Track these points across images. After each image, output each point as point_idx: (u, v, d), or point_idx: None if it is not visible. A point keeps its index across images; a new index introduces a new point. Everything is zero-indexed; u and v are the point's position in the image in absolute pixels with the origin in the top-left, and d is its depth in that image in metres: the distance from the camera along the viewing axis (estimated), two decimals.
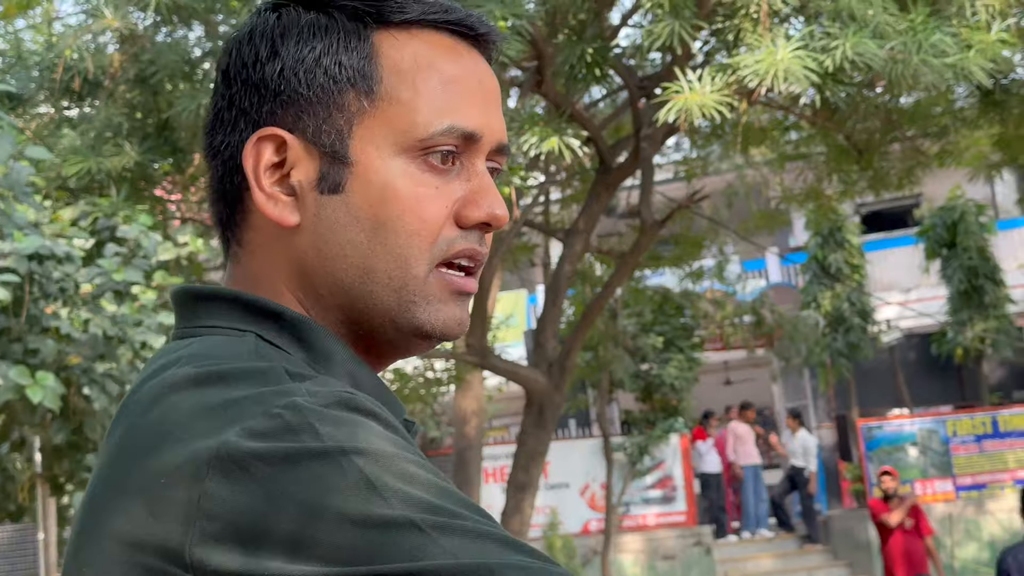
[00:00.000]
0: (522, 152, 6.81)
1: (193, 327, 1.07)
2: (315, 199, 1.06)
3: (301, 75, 1.07)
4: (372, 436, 0.89)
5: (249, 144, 1.07)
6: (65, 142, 7.58)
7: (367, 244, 1.06)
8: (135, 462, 0.92)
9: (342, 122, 1.06)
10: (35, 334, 5.89)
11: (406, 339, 1.09)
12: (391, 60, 1.08)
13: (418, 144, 1.06)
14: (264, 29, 1.10)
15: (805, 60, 5.55)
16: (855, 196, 11.17)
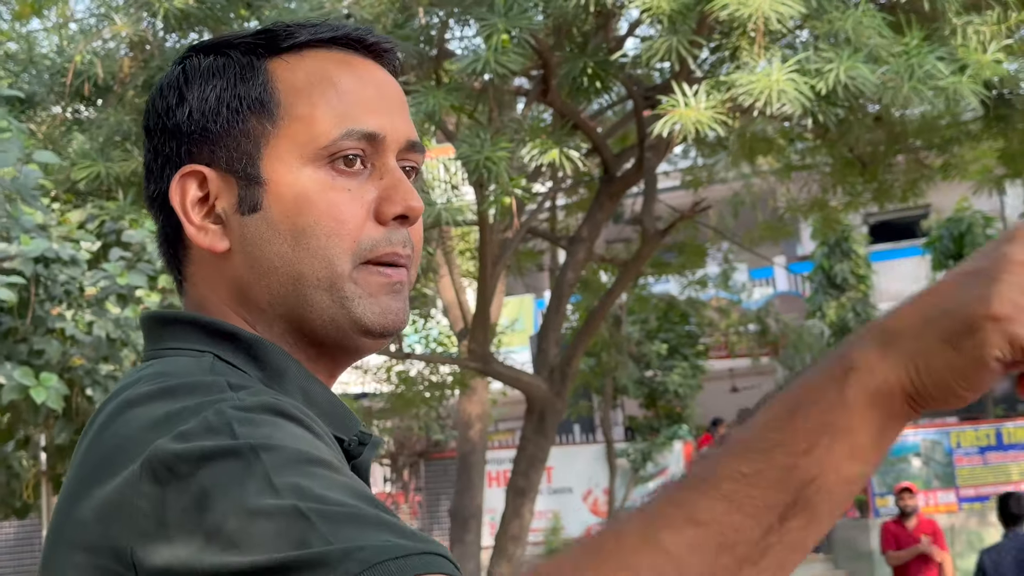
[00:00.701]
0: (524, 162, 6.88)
1: (158, 349, 1.15)
2: (239, 222, 1.14)
3: (207, 113, 1.16)
4: (285, 436, 0.95)
5: (173, 184, 1.16)
6: (75, 145, 7.66)
7: (292, 253, 1.13)
8: (92, 476, 0.99)
9: (250, 147, 1.15)
10: (40, 335, 5.97)
11: (350, 337, 1.15)
12: (286, 82, 1.16)
13: (322, 152, 1.14)
14: (171, 80, 1.19)
15: (798, 83, 5.62)
16: (860, 207, 11.20)
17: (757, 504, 0.81)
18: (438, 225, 6.99)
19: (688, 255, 12.08)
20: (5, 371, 5.57)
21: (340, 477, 0.94)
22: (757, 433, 0.84)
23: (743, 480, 0.81)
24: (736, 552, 0.79)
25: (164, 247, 1.22)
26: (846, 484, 0.84)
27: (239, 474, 0.91)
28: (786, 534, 0.82)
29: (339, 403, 1.17)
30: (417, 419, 17.44)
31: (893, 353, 0.85)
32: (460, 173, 7.88)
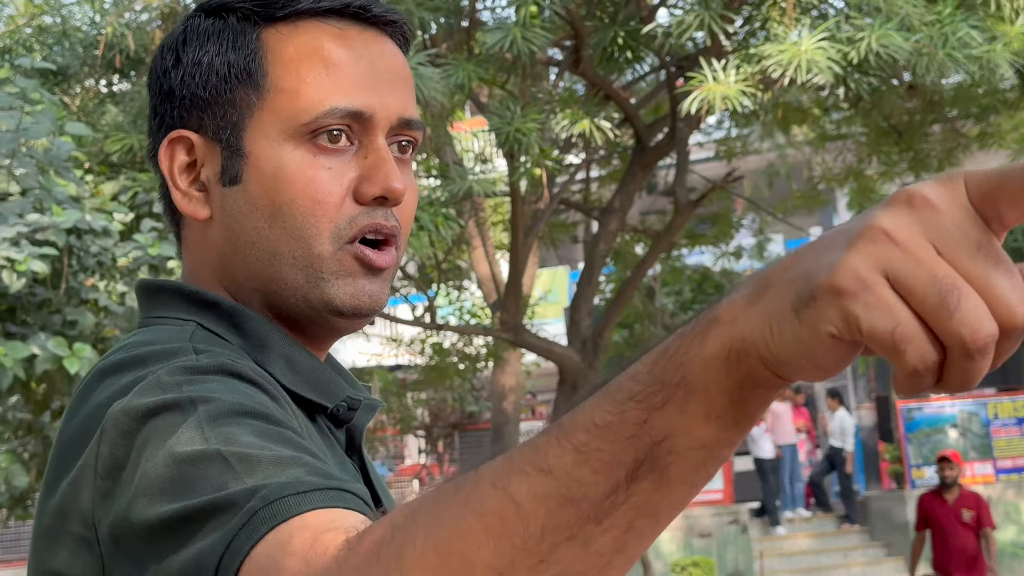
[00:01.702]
0: (556, 133, 6.86)
1: (148, 317, 1.16)
2: (220, 192, 1.14)
3: (198, 78, 1.15)
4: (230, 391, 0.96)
5: (162, 148, 1.16)
6: (108, 118, 7.70)
7: (269, 229, 1.12)
8: (68, 444, 1.02)
9: (235, 117, 1.14)
10: (73, 306, 6.02)
11: (321, 316, 1.15)
12: (277, 53, 1.14)
13: (304, 128, 1.12)
14: (171, 40, 1.19)
15: (829, 51, 5.56)
16: (896, 177, 11.12)
17: (605, 459, 0.73)
18: (470, 197, 6.99)
19: (722, 226, 12.02)
20: (39, 341, 5.62)
21: (273, 427, 0.94)
22: (619, 382, 0.75)
23: (595, 431, 0.73)
24: (580, 508, 0.73)
25: (165, 207, 1.22)
26: (701, 449, 0.74)
27: (175, 425, 0.92)
28: (634, 495, 0.73)
29: (323, 369, 1.17)
30: (451, 391, 17.49)
31: (755, 308, 0.73)
32: (492, 145, 7.87)
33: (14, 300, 5.86)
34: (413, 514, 0.78)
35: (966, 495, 10.44)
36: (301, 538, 0.83)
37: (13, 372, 5.50)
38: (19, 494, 8.02)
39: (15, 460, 6.30)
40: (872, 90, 6.54)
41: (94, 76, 8.24)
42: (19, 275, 5.39)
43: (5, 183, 5.94)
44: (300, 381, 1.13)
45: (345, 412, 1.17)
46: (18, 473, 6.22)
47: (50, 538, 1.01)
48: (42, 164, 6.07)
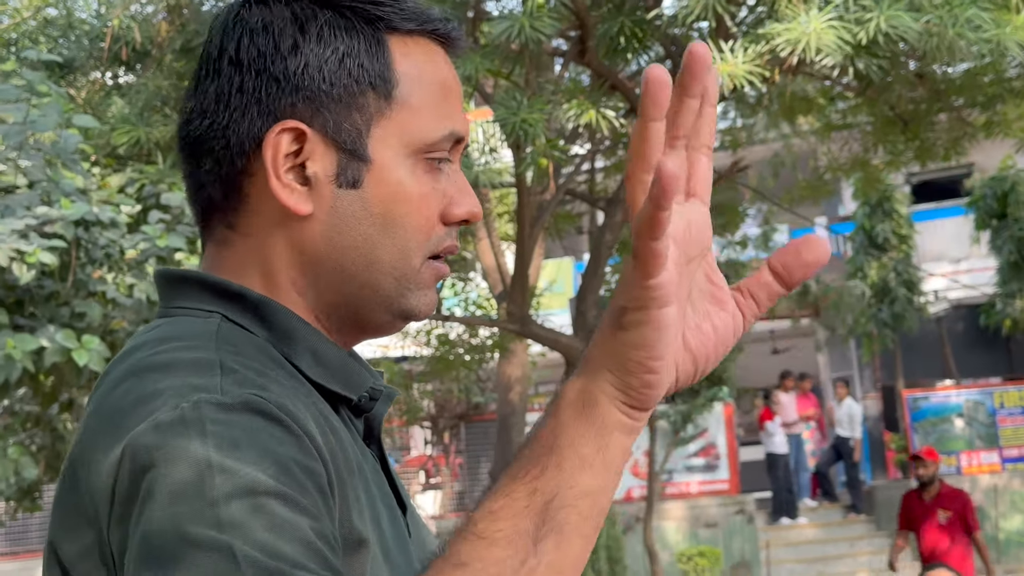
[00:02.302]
0: (562, 124, 6.85)
1: (168, 308, 1.15)
2: (332, 192, 1.13)
3: (326, 73, 1.12)
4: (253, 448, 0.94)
5: (272, 134, 1.12)
6: (114, 110, 7.71)
7: (376, 237, 1.13)
8: (91, 447, 1.01)
9: (361, 122, 1.13)
10: (81, 299, 6.02)
11: (391, 322, 1.18)
12: (402, 67, 1.15)
13: (425, 148, 1.14)
14: (281, 23, 1.13)
15: (839, 31, 5.55)
16: (902, 167, 11.10)
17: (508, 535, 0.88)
18: (476, 187, 6.99)
19: (727, 216, 12.01)
20: (48, 334, 5.63)
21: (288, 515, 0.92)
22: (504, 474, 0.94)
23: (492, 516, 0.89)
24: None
25: (212, 187, 1.17)
26: (586, 496, 0.92)
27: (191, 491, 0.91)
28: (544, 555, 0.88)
29: (349, 362, 1.18)
30: (457, 382, 17.50)
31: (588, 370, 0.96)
32: (498, 135, 7.87)
33: (22, 293, 5.87)
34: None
35: (946, 494, 10.09)
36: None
37: (22, 365, 5.51)
38: (27, 486, 8.03)
39: (24, 452, 6.31)
40: (882, 73, 6.51)
41: (100, 68, 8.25)
42: (29, 267, 5.39)
43: (12, 176, 5.95)
44: (326, 373, 1.13)
45: (367, 403, 1.17)
46: (28, 465, 6.23)
47: (71, 532, 1.01)
48: (49, 157, 6.08)
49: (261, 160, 1.13)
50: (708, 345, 1.01)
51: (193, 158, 1.18)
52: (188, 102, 1.18)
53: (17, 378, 5.60)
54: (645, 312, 0.92)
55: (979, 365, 20.50)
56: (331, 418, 1.10)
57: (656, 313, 0.92)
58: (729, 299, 1.03)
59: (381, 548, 1.05)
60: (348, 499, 1.02)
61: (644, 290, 0.91)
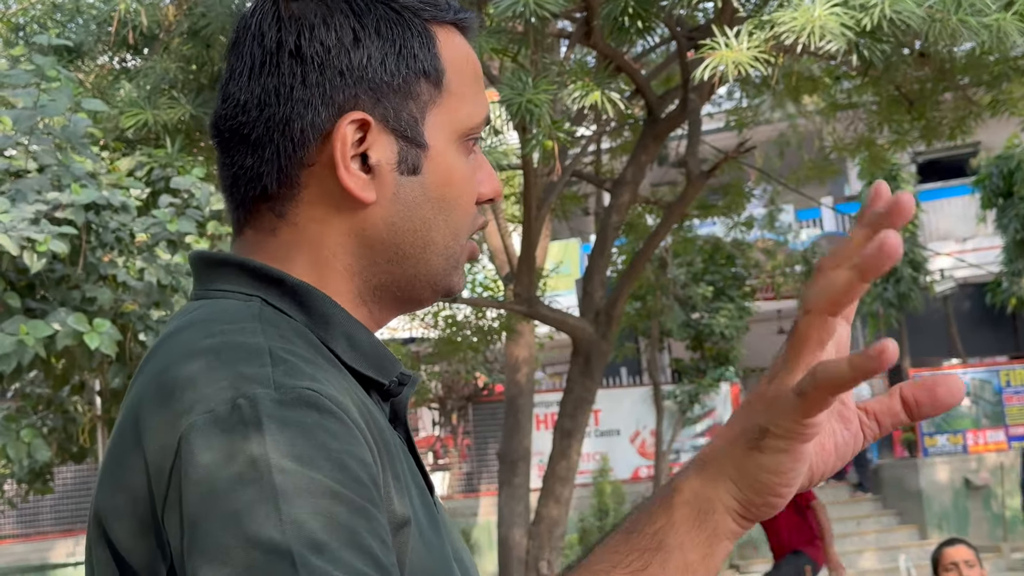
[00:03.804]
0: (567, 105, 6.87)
1: (207, 290, 1.18)
2: (394, 180, 1.17)
3: (388, 65, 1.17)
4: (311, 446, 0.97)
5: (342, 124, 1.15)
6: (122, 94, 7.73)
7: (433, 219, 1.19)
8: (142, 427, 1.03)
9: (416, 110, 1.18)
10: (92, 283, 6.06)
11: (432, 297, 1.24)
12: (447, 56, 1.20)
13: (468, 132, 1.21)
14: (341, 16, 1.17)
15: (842, 17, 5.57)
16: (907, 146, 11.09)
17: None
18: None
19: (733, 196, 12.02)
20: (59, 317, 5.67)
21: (345, 517, 0.95)
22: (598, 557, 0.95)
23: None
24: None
25: (270, 177, 1.18)
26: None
27: (249, 493, 0.93)
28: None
29: (382, 347, 1.21)
30: (464, 363, 17.55)
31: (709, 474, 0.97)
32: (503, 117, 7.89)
33: (34, 276, 5.91)
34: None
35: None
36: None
37: (34, 350, 5.55)
38: (39, 468, 8.09)
39: (36, 435, 6.36)
40: (885, 57, 6.53)
41: (107, 53, 8.27)
42: (39, 255, 5.43)
43: (23, 160, 5.98)
44: (360, 358, 1.17)
45: (396, 387, 1.22)
46: (40, 447, 6.28)
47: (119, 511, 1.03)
48: (59, 141, 6.11)
49: (323, 150, 1.16)
50: (828, 462, 1.04)
51: (238, 149, 1.19)
52: (230, 94, 1.20)
53: (29, 361, 5.64)
54: (789, 443, 0.95)
55: (985, 344, 20.52)
56: (367, 403, 1.13)
57: (801, 447, 0.96)
58: (855, 418, 1.04)
59: (417, 527, 1.08)
60: (390, 482, 1.04)
61: (798, 425, 0.94)
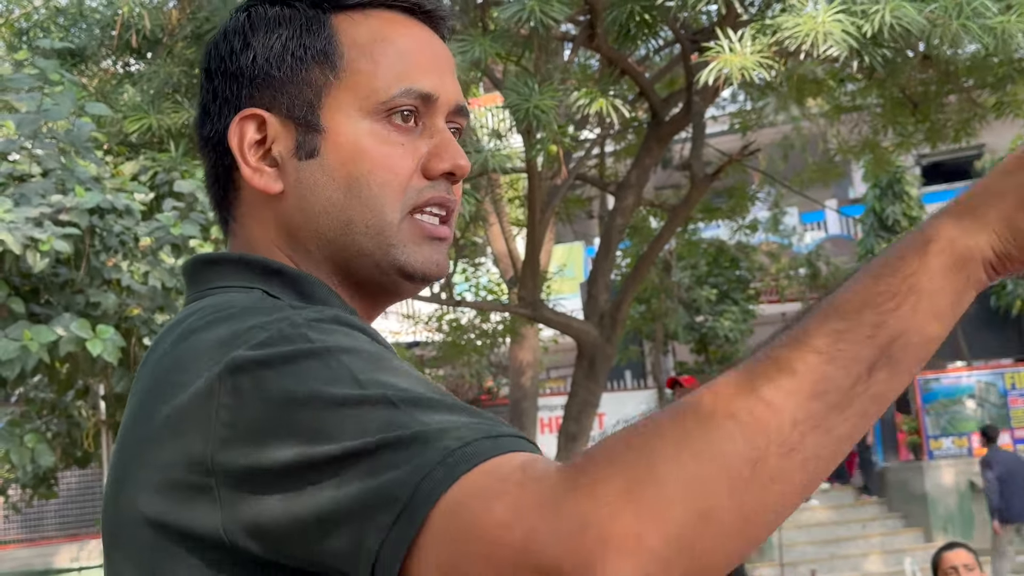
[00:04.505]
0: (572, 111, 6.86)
1: (204, 289, 1.19)
2: (295, 166, 1.20)
3: (272, 59, 1.21)
4: (358, 342, 1.01)
5: (233, 125, 1.20)
6: (126, 98, 7.73)
7: (344, 199, 1.19)
8: (162, 400, 1.04)
9: (311, 95, 1.20)
10: (96, 287, 6.05)
11: (392, 280, 1.22)
12: (350, 37, 1.22)
13: (381, 107, 1.20)
14: (236, 27, 1.24)
15: (845, 23, 5.57)
16: (912, 148, 11.08)
17: (847, 357, 0.89)
18: (486, 172, 7.01)
19: (737, 199, 12.02)
20: (63, 322, 5.67)
21: (417, 374, 0.99)
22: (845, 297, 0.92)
23: (835, 335, 0.90)
24: (826, 399, 0.87)
25: (214, 188, 1.27)
26: (927, 342, 0.93)
27: (322, 373, 0.96)
28: (872, 385, 0.90)
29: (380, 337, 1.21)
30: (469, 367, 17.54)
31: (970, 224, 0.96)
32: (508, 121, 7.89)
33: (37, 280, 5.90)
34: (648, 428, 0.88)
35: None
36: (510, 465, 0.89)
37: (38, 356, 5.54)
38: (43, 473, 8.08)
39: (40, 440, 6.36)
40: (886, 62, 6.52)
41: (111, 57, 8.27)
42: (42, 255, 5.43)
43: (27, 165, 5.98)
44: None
45: None
46: (44, 452, 6.28)
47: (144, 489, 1.03)
48: (63, 145, 6.11)
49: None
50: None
51: (204, 162, 1.28)
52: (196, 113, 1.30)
53: (32, 367, 5.64)
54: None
55: (990, 346, 20.48)
56: None
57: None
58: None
59: None
60: None
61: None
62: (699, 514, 0.84)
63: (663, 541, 0.83)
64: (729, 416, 0.85)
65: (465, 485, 0.88)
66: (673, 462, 0.84)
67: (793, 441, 0.86)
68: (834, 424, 0.88)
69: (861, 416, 0.90)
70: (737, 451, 0.84)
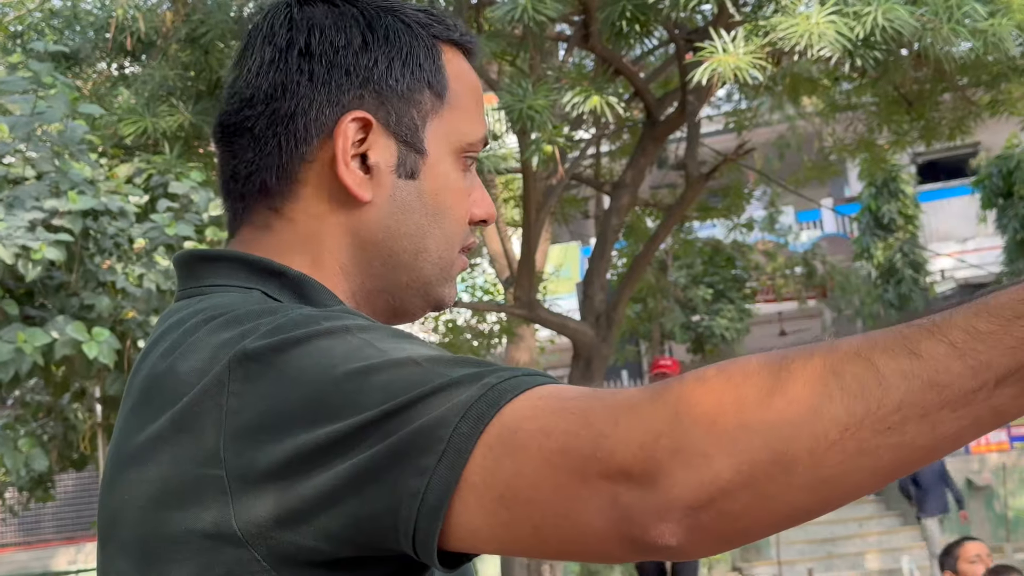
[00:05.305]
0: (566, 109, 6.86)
1: (199, 286, 1.16)
2: (392, 181, 1.18)
3: (394, 70, 1.19)
4: (373, 324, 1.02)
5: (344, 121, 1.16)
6: (121, 100, 7.72)
7: (427, 226, 1.20)
8: (165, 398, 1.02)
9: (417, 117, 1.19)
10: (90, 290, 6.04)
11: (423, 309, 1.24)
12: (451, 71, 1.23)
13: (465, 148, 1.22)
14: (352, 21, 1.20)
15: (838, 24, 5.58)
16: (907, 147, 11.09)
17: (980, 359, 0.83)
18: (481, 173, 7.01)
19: (733, 198, 12.02)
20: (58, 326, 5.66)
21: (433, 345, 0.99)
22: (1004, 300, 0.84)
23: (975, 334, 0.83)
24: (942, 394, 0.82)
25: (268, 172, 1.19)
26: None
27: (339, 348, 0.96)
28: (996, 397, 0.83)
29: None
30: None
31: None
32: (503, 122, 7.88)
33: (31, 283, 5.89)
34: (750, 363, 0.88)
35: None
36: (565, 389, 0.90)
37: (33, 359, 5.53)
38: (39, 476, 8.07)
39: (35, 444, 6.35)
40: (878, 64, 6.54)
41: (106, 59, 8.26)
42: (35, 264, 5.42)
43: (21, 168, 5.97)
44: None
45: None
46: (38, 456, 6.27)
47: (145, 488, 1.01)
48: (57, 147, 6.10)
49: (324, 147, 1.17)
50: None
51: (240, 143, 1.20)
52: (236, 91, 1.22)
53: (28, 370, 5.63)
54: None
55: None
56: None
57: None
58: None
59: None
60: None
61: None
62: (774, 457, 0.83)
63: (731, 470, 0.83)
64: (836, 374, 0.83)
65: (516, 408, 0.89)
66: (763, 400, 0.84)
67: (893, 421, 0.83)
68: (942, 420, 0.83)
69: (974, 423, 0.84)
70: (831, 411, 0.82)
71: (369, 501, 0.90)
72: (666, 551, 0.86)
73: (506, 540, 0.91)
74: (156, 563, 1.00)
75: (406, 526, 0.89)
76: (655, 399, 0.87)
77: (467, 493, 0.88)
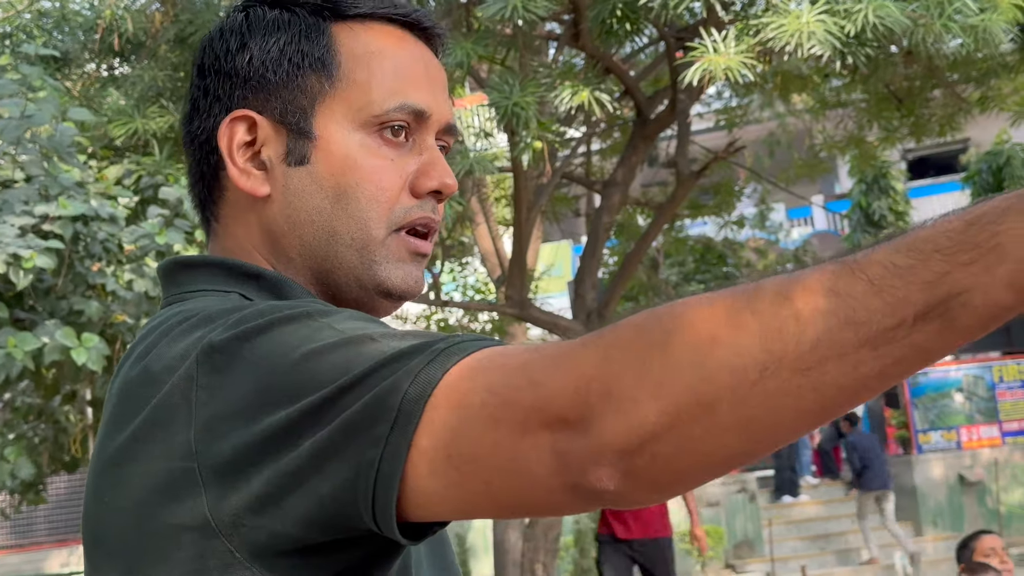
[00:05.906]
0: (556, 107, 6.86)
1: (180, 293, 1.18)
2: (283, 171, 1.19)
3: (268, 63, 1.20)
4: (338, 309, 1.02)
5: (223, 124, 1.19)
6: (110, 102, 7.70)
7: (331, 209, 1.18)
8: (140, 399, 1.03)
9: (305, 102, 1.19)
10: (80, 294, 6.03)
11: (370, 296, 1.21)
12: (347, 47, 1.21)
13: (374, 120, 1.19)
14: (234, 26, 1.23)
15: (828, 23, 5.58)
16: (897, 143, 11.10)
17: (898, 295, 0.80)
18: (471, 174, 7.01)
19: (724, 196, 12.02)
20: (47, 330, 5.65)
21: (392, 326, 1.00)
22: (924, 234, 0.82)
23: (893, 270, 0.81)
24: (860, 331, 0.80)
25: (198, 186, 1.25)
26: (991, 309, 0.81)
27: (303, 332, 0.97)
28: (915, 333, 0.81)
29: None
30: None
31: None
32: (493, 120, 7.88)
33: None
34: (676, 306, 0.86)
35: None
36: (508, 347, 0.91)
37: (23, 363, 5.52)
38: (31, 479, 8.06)
39: (21, 452, 6.33)
40: (869, 61, 6.54)
41: (95, 60, 8.24)
42: (25, 271, 5.41)
43: (10, 171, 5.95)
44: None
45: None
46: (24, 465, 6.25)
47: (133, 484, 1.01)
48: (46, 150, 6.09)
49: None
50: None
51: (189, 159, 1.27)
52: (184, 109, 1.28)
53: (17, 373, 5.62)
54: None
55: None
56: None
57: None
58: None
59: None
60: None
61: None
62: (697, 399, 0.82)
63: (657, 412, 0.83)
64: (754, 313, 0.82)
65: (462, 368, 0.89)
66: (688, 341, 0.83)
67: (810, 361, 0.81)
68: (863, 360, 0.81)
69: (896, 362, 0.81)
70: (750, 351, 0.81)
71: (330, 477, 0.91)
72: (607, 496, 0.86)
73: (461, 502, 0.91)
74: (141, 564, 1.01)
75: (365, 498, 0.89)
76: (587, 344, 0.87)
77: (418, 457, 0.89)
